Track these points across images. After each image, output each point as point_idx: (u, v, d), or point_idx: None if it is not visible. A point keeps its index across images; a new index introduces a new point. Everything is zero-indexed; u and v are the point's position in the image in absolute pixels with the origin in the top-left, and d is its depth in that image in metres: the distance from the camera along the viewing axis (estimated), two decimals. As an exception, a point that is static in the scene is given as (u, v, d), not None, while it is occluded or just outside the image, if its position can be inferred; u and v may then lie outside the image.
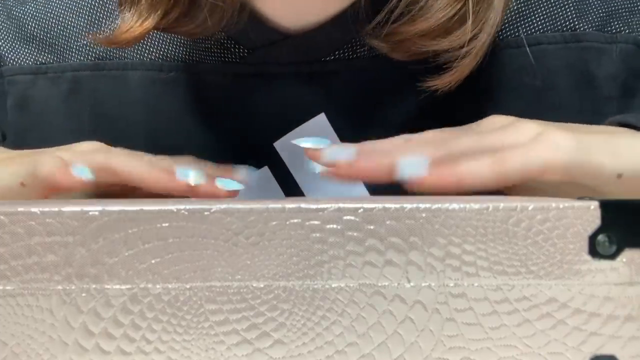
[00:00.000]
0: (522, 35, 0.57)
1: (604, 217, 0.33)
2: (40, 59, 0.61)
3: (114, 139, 0.49)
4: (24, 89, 0.61)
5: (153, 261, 0.32)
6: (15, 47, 0.61)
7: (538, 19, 0.58)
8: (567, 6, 0.58)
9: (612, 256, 0.33)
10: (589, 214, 0.33)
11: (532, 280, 0.33)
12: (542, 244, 0.33)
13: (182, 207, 0.32)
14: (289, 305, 0.33)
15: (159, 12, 0.51)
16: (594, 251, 0.33)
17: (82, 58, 0.60)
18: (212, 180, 0.43)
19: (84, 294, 0.32)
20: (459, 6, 0.49)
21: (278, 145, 0.57)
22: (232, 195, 0.43)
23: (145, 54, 0.60)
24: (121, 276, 0.32)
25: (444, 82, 0.51)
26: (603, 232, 0.33)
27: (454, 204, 0.33)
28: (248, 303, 0.33)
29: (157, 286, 0.32)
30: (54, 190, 0.44)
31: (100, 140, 0.48)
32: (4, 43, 0.61)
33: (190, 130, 0.58)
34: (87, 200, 0.39)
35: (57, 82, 0.61)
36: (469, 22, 0.49)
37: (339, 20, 0.55)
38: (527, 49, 0.56)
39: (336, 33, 0.55)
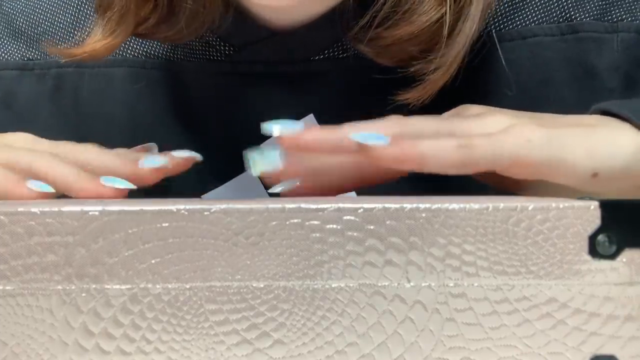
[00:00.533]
0: (516, 27, 0.55)
1: (604, 217, 0.33)
2: (27, 55, 0.60)
3: (96, 137, 0.48)
4: (9, 85, 0.60)
5: (153, 261, 0.32)
6: (3, 42, 0.61)
7: (533, 10, 0.56)
8: None
9: (612, 256, 0.33)
10: (589, 214, 0.33)
11: (532, 280, 0.33)
12: (542, 244, 0.33)
13: (182, 207, 0.32)
14: (289, 305, 0.33)
15: (129, 24, 0.51)
16: (594, 251, 0.33)
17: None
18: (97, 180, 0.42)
19: (84, 294, 0.32)
20: (443, 11, 0.49)
21: (265, 146, 0.54)
22: (119, 194, 0.42)
23: (129, 51, 0.59)
24: (121, 276, 0.32)
25: (414, 95, 0.50)
26: (603, 232, 0.33)
27: (454, 204, 0.33)
28: (248, 303, 0.33)
29: (157, 286, 0.32)
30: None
31: (83, 140, 0.46)
32: None
33: (173, 130, 0.57)
34: (88, 200, 0.39)
35: (42, 78, 0.60)
36: (445, 31, 0.49)
37: (327, 19, 0.54)
38: (523, 41, 0.54)
39: (324, 32, 0.54)
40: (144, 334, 0.32)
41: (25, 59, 0.60)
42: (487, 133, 0.39)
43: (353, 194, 0.54)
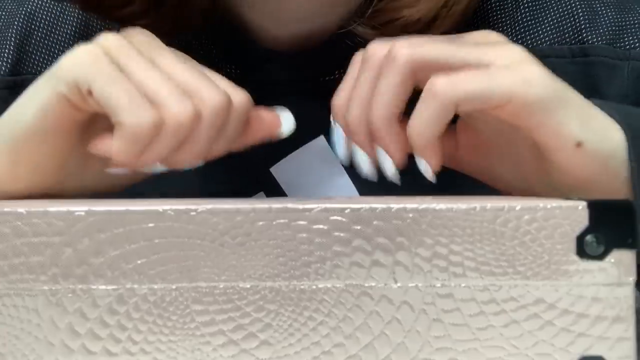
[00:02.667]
0: (528, 47, 0.51)
1: (592, 218, 0.33)
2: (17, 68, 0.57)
3: None
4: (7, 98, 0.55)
5: (139, 261, 0.32)
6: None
7: (546, 29, 0.55)
8: (576, 16, 0.55)
9: (600, 257, 0.33)
10: (577, 214, 0.33)
11: (519, 280, 0.33)
12: (530, 245, 0.33)
13: (168, 207, 0.32)
14: (275, 305, 0.33)
15: None
16: (582, 251, 0.33)
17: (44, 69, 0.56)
18: None
19: (70, 295, 0.32)
20: None
21: (274, 170, 0.54)
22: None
23: None
24: (107, 276, 0.32)
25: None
26: (591, 232, 0.33)
27: (441, 205, 0.33)
28: (234, 304, 0.33)
29: (143, 287, 0.32)
30: None
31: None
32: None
33: None
34: (74, 200, 0.39)
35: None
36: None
37: (336, 35, 0.53)
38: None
39: (334, 50, 0.53)
40: (130, 335, 0.32)
41: (16, 71, 0.57)
42: (499, 63, 0.39)
43: (356, 193, 0.54)
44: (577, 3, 0.55)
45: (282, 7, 0.52)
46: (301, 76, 0.54)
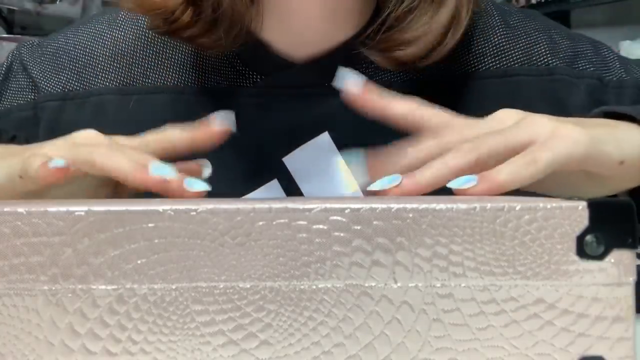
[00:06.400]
0: (502, 67, 0.66)
1: (592, 218, 0.33)
2: (67, 87, 0.69)
3: None
4: (53, 114, 0.68)
5: (139, 261, 0.32)
6: (47, 77, 0.69)
7: (517, 54, 0.66)
8: (540, 43, 0.67)
9: (600, 257, 0.33)
10: (577, 214, 0.33)
11: (519, 280, 0.33)
12: (530, 245, 0.33)
13: (167, 207, 0.32)
14: (275, 305, 0.33)
15: None
16: (582, 251, 0.33)
17: (107, 83, 0.68)
18: (181, 179, 0.45)
19: (70, 295, 0.32)
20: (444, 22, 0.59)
21: (287, 160, 0.63)
22: (198, 195, 0.44)
23: (168, 80, 0.67)
24: (107, 276, 0.32)
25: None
26: (591, 232, 0.33)
27: (441, 205, 0.33)
28: (234, 304, 0.32)
29: (143, 287, 0.32)
30: (46, 184, 0.46)
31: None
32: (38, 74, 0.70)
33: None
34: (74, 200, 0.39)
35: (82, 106, 0.68)
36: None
37: (343, 48, 0.63)
38: (509, 78, 0.65)
39: (340, 61, 0.60)
40: (130, 335, 0.32)
41: (66, 90, 0.69)
42: (542, 139, 0.44)
43: (360, 194, 0.56)
44: (540, 34, 0.68)
45: (294, 31, 0.64)
46: (310, 82, 0.64)
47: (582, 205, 0.33)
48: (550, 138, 0.45)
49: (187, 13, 0.61)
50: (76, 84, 0.69)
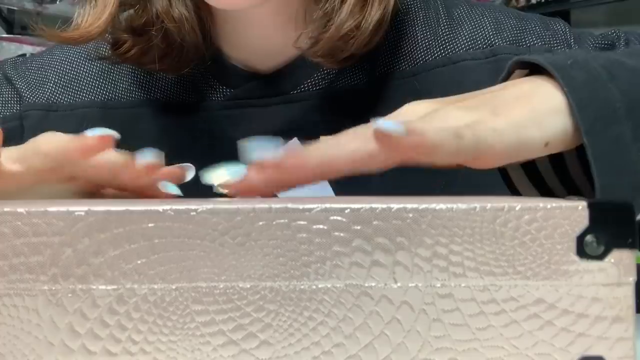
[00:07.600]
0: (447, 54, 0.68)
1: (592, 218, 0.33)
2: (52, 99, 0.72)
3: None
4: (37, 122, 0.71)
5: (139, 261, 0.32)
6: (31, 88, 0.73)
7: (461, 40, 0.68)
8: (485, 26, 0.69)
9: (600, 257, 0.33)
10: (577, 214, 0.33)
11: (519, 280, 0.33)
12: (530, 245, 0.33)
13: (168, 207, 0.32)
14: (275, 305, 0.33)
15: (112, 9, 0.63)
16: (582, 252, 0.33)
17: (92, 97, 0.72)
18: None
19: (70, 295, 0.32)
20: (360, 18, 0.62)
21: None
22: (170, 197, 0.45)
23: (151, 94, 0.71)
24: (107, 276, 0.32)
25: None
26: (591, 232, 0.33)
27: (441, 204, 0.33)
28: (234, 304, 0.32)
29: (143, 287, 0.32)
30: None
31: None
32: (23, 85, 0.73)
33: (188, 154, 0.63)
34: (74, 200, 0.39)
35: (67, 119, 0.71)
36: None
37: (300, 60, 0.68)
38: (453, 65, 0.67)
39: (298, 71, 0.68)
40: (130, 335, 0.32)
41: (50, 102, 0.72)
42: (464, 125, 0.40)
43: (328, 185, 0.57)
44: (484, 17, 0.70)
45: (254, 43, 0.69)
46: (274, 92, 0.69)
47: (582, 205, 0.33)
48: (469, 126, 0.41)
49: (129, 44, 0.66)
50: (61, 96, 0.72)
